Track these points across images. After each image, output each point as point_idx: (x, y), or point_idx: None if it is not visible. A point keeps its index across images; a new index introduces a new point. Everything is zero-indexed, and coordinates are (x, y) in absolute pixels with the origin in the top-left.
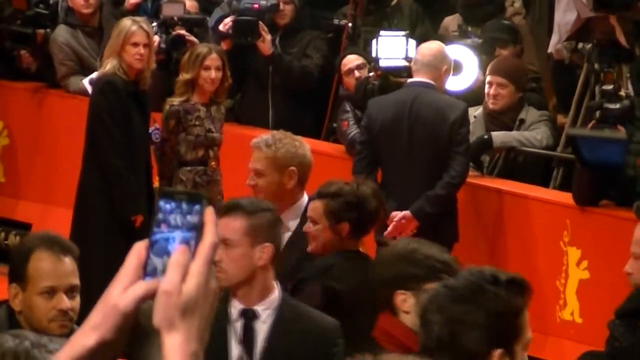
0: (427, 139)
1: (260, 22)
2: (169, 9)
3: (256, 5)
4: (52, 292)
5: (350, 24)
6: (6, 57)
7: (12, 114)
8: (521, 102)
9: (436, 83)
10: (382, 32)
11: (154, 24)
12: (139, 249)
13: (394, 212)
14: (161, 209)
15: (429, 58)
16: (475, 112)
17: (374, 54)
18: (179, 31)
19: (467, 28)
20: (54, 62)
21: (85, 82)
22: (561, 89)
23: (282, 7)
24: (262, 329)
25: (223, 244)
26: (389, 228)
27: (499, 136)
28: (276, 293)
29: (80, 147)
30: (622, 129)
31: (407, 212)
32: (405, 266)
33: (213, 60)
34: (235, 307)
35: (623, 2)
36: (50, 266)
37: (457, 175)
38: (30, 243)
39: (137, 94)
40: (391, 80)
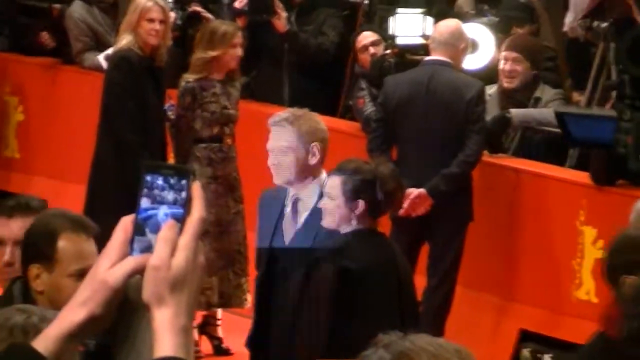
0: (442, 117)
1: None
2: None
3: None
4: (81, 275)
5: (366, 2)
6: (22, 32)
7: (27, 90)
8: (536, 80)
9: (454, 61)
10: (398, 10)
11: (170, 0)
12: (125, 223)
13: (409, 190)
14: (147, 184)
15: (447, 36)
16: (490, 90)
17: (390, 32)
18: (194, 7)
19: (484, 6)
20: (70, 38)
21: (101, 57)
22: (576, 67)
23: None
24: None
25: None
26: (404, 206)
27: (518, 114)
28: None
29: (95, 123)
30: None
31: (422, 190)
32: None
33: (239, 38)
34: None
35: None
36: (80, 249)
37: (472, 153)
38: (55, 223)
39: (153, 70)
40: (407, 58)
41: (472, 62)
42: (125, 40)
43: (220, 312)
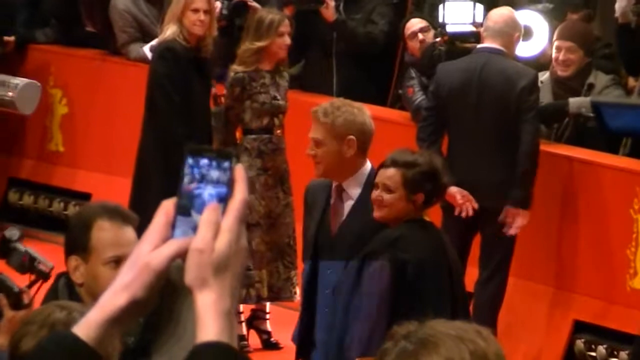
0: (494, 106)
1: None
2: None
3: None
4: (117, 262)
5: None
6: (67, 23)
7: (71, 82)
8: (589, 66)
9: (507, 50)
10: None
11: None
12: (166, 206)
13: (452, 189)
14: (191, 165)
15: (501, 25)
16: (542, 77)
17: (440, 20)
18: None
19: None
20: (114, 30)
21: (146, 49)
22: (626, 53)
23: None
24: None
25: None
26: (511, 229)
27: (575, 102)
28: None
29: (140, 116)
30: None
31: (508, 208)
32: None
33: (287, 26)
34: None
35: None
36: (114, 236)
37: (529, 143)
38: (90, 213)
39: (198, 61)
40: (458, 45)
41: (526, 49)
42: (170, 30)
43: (268, 306)
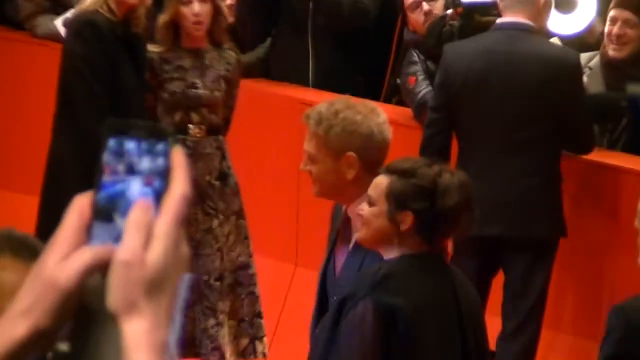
0: (527, 102)
1: None
2: None
3: None
4: None
5: None
6: None
7: None
8: None
9: (535, 23)
10: None
11: None
12: (80, 204)
13: None
14: (112, 150)
15: None
16: (590, 62)
17: None
18: None
19: None
20: None
21: (58, 22)
22: None
23: None
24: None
25: None
26: None
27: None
28: None
29: (50, 112)
30: None
31: None
32: None
33: None
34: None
35: None
36: (20, 280)
37: (586, 147)
38: None
39: (128, 38)
40: (476, 19)
41: (567, 25)
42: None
43: None
